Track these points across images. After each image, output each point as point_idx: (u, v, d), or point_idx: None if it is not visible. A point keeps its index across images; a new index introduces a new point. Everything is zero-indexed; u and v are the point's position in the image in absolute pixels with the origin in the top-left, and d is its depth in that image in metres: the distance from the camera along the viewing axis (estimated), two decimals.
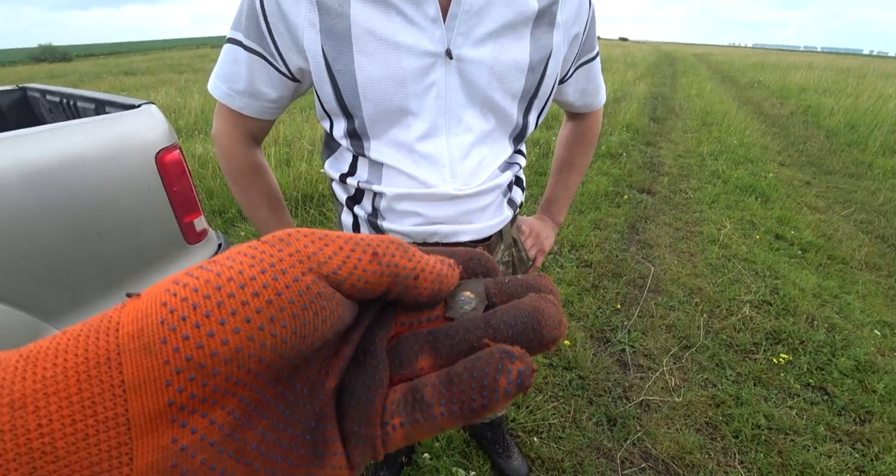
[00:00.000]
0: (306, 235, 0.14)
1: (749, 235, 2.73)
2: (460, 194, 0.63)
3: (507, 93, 0.61)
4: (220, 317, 0.11)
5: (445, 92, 0.58)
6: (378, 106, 0.58)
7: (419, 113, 0.59)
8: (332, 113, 0.62)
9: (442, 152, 0.61)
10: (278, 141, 3.73)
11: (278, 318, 0.12)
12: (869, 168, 4.12)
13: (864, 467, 1.33)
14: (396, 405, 0.15)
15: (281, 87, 0.63)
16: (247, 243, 0.14)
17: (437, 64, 0.57)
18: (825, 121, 5.84)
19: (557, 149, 0.92)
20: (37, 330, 0.91)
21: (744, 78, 11.42)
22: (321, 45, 0.56)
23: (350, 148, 0.64)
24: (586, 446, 1.37)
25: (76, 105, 1.39)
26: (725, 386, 1.61)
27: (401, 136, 0.60)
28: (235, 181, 0.72)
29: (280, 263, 0.13)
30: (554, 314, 0.15)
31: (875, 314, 2.03)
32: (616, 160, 3.97)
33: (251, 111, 0.65)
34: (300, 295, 0.12)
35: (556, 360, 1.69)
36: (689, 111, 6.44)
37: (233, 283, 0.12)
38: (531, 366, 0.14)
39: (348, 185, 0.68)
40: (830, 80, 9.71)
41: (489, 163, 0.65)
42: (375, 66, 0.55)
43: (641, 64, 13.06)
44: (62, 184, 0.92)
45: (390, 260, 0.14)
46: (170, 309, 0.11)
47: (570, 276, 2.21)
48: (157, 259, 1.14)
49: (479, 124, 0.62)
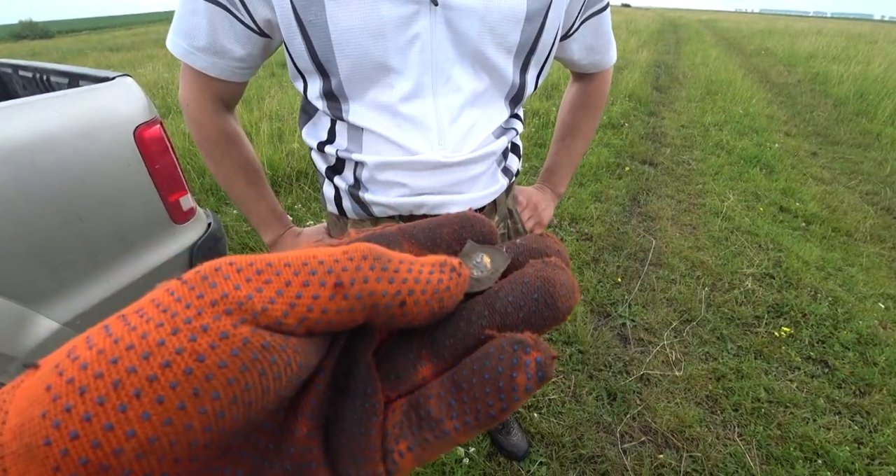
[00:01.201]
0: (240, 271, 0.11)
1: (753, 207, 2.68)
2: (449, 162, 0.57)
3: (500, 46, 0.54)
4: (119, 402, 0.09)
5: (431, 45, 0.52)
6: (355, 62, 0.52)
7: (402, 70, 0.53)
8: (305, 71, 0.56)
9: (428, 115, 0.55)
10: (270, 116, 3.62)
11: (205, 390, 0.09)
12: (877, 138, 4.03)
13: (863, 439, 1.34)
14: (399, 428, 0.12)
15: (248, 43, 0.56)
16: (165, 284, 0.11)
17: (420, 12, 0.50)
18: (833, 89, 5.68)
19: (561, 113, 0.84)
20: (20, 316, 0.88)
21: (750, 45, 11.07)
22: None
23: (327, 111, 0.59)
24: (586, 421, 1.37)
25: (49, 79, 1.31)
26: (726, 359, 1.60)
27: (382, 96, 0.54)
28: (207, 152, 0.66)
29: (199, 317, 0.10)
30: (566, 281, 0.13)
31: (878, 287, 2.01)
32: (618, 131, 3.88)
33: (216, 71, 0.58)
34: (234, 355, 0.10)
35: (555, 334, 1.68)
36: (693, 80, 6.26)
37: (133, 352, 0.09)
38: (549, 352, 0.12)
39: (327, 154, 0.63)
40: (840, 47, 9.40)
41: (482, 127, 0.59)
42: (350, 16, 0.49)
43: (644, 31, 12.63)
44: (34, 163, 0.86)
45: (361, 289, 0.11)
46: (53, 395, 0.09)
47: (571, 249, 2.18)
48: (144, 240, 1.10)
49: (471, 83, 0.56)
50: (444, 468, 1.20)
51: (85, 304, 0.99)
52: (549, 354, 0.12)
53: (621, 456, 1.27)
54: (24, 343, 0.90)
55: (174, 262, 1.17)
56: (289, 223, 0.75)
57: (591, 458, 1.27)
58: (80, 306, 0.98)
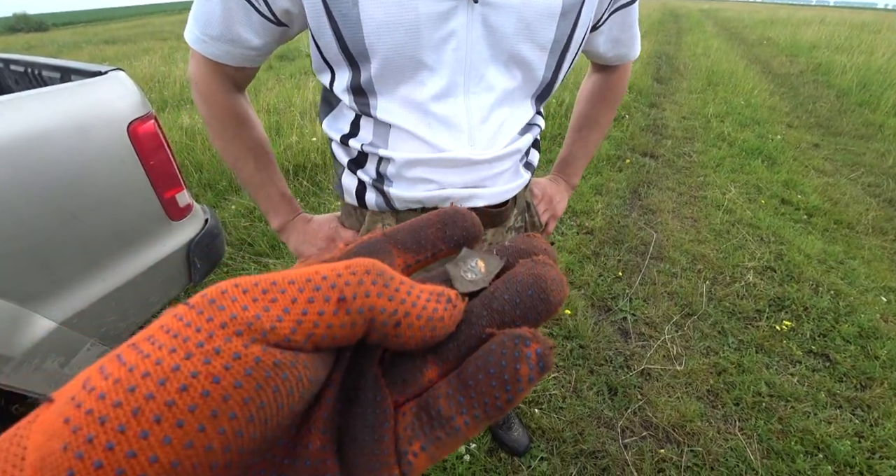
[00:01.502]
0: (246, 292, 0.11)
1: (754, 200, 2.67)
2: (479, 159, 0.56)
3: (536, 44, 0.53)
4: (140, 428, 0.09)
5: (467, 43, 0.50)
6: (388, 58, 0.50)
7: (435, 67, 0.51)
8: (333, 62, 0.54)
9: (460, 115, 0.54)
10: (268, 109, 3.59)
11: (223, 411, 0.09)
12: (880, 129, 4.00)
13: (864, 433, 1.34)
14: (411, 429, 0.13)
15: (264, 32, 0.54)
16: (172, 310, 0.11)
17: (458, 9, 0.48)
18: (836, 79, 5.63)
19: (578, 104, 0.84)
20: (16, 316, 0.87)
21: (752, 35, 10.96)
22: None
23: (353, 106, 0.57)
24: (587, 416, 1.37)
25: (41, 74, 1.29)
26: (727, 353, 1.60)
27: (413, 94, 0.53)
28: (217, 132, 0.64)
29: (210, 340, 0.10)
30: (555, 277, 0.14)
31: (880, 280, 2.00)
32: (618, 123, 3.84)
33: (230, 59, 0.56)
34: (248, 374, 0.10)
35: (556, 329, 1.67)
36: (694, 71, 6.20)
37: (149, 379, 0.09)
38: (547, 343, 0.13)
39: (350, 148, 0.61)
40: (843, 37, 9.30)
41: (510, 126, 0.58)
42: (385, 10, 0.47)
43: (645, 21, 12.49)
44: (26, 160, 0.85)
45: (363, 303, 0.12)
46: (72, 427, 0.09)
47: (571, 243, 2.17)
48: (140, 237, 1.09)
49: (503, 82, 0.54)
50: (444, 464, 1.20)
51: (83, 303, 0.98)
52: (548, 345, 0.13)
53: (622, 451, 1.27)
54: (21, 343, 0.90)
55: (171, 259, 1.16)
56: (298, 208, 0.73)
57: (592, 453, 1.27)
58: (78, 305, 0.98)
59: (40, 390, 0.96)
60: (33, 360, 0.93)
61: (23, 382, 0.93)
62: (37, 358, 0.93)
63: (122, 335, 1.13)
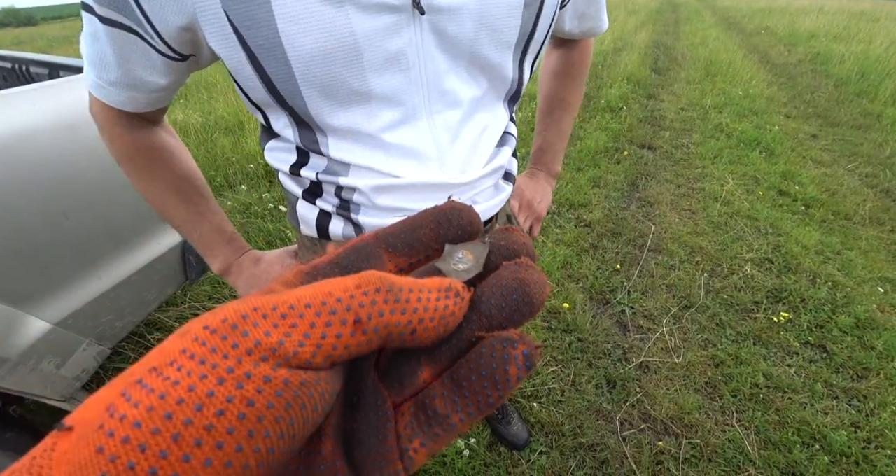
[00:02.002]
0: (266, 317, 0.11)
1: (752, 191, 2.67)
2: (456, 183, 0.50)
3: (499, 42, 0.46)
4: (182, 453, 0.09)
5: (419, 60, 0.43)
6: (326, 92, 0.42)
7: (386, 95, 0.44)
8: (262, 104, 0.46)
9: (425, 141, 0.47)
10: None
11: (258, 431, 0.10)
12: (878, 119, 3.99)
13: (860, 423, 1.35)
14: (411, 428, 0.14)
15: (167, 70, 0.45)
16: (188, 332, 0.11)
17: (401, 23, 0.40)
18: (834, 69, 5.60)
19: (543, 85, 0.77)
20: (10, 318, 0.87)
21: (750, 24, 10.88)
22: (224, 11, 0.38)
23: (300, 143, 0.49)
24: (586, 409, 1.37)
25: (29, 70, 1.27)
26: (725, 345, 1.60)
27: (365, 127, 0.45)
28: (133, 175, 0.55)
29: (240, 366, 0.10)
30: (537, 279, 0.15)
31: (877, 270, 2.01)
32: (616, 114, 3.82)
33: (135, 106, 0.48)
34: (279, 395, 0.10)
35: (554, 323, 1.68)
36: (692, 61, 6.16)
37: (185, 405, 0.10)
38: (533, 343, 0.14)
39: (302, 178, 0.52)
40: (841, 25, 9.25)
41: (486, 141, 0.52)
42: (312, 35, 0.38)
43: (643, 11, 12.39)
44: (15, 158, 0.83)
45: (378, 323, 0.12)
46: (109, 456, 0.09)
47: (569, 236, 2.17)
48: (135, 235, 1.08)
49: (468, 91, 0.48)
50: (444, 459, 1.21)
51: (78, 303, 0.97)
52: (533, 346, 0.13)
53: (621, 443, 1.28)
54: (16, 344, 0.89)
55: (167, 258, 1.15)
56: (243, 246, 0.63)
57: (590, 446, 1.28)
58: (73, 305, 0.97)
59: (37, 392, 0.96)
60: (29, 362, 0.92)
61: (19, 384, 0.92)
62: (33, 359, 0.92)
63: (119, 334, 1.12)
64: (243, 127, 3.15)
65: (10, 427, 1.00)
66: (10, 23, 27.11)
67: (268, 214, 2.29)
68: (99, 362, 1.08)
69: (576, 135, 3.36)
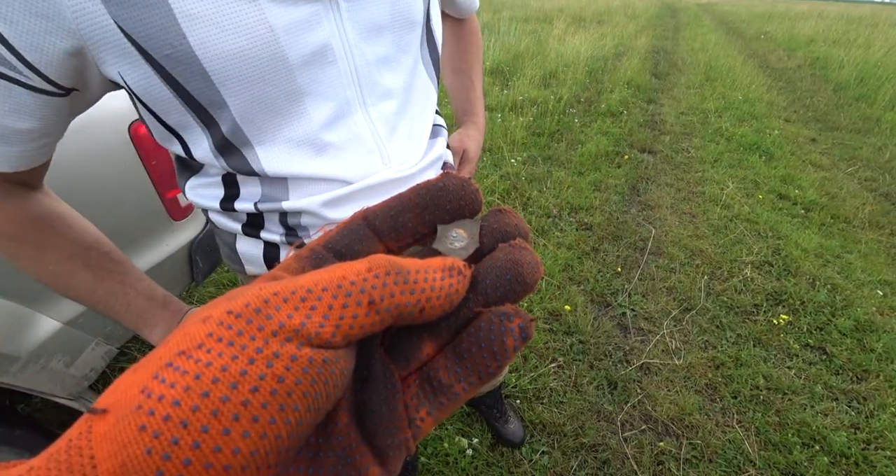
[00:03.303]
0: (286, 300, 0.12)
1: (752, 195, 2.68)
2: (402, 177, 0.48)
3: (413, 23, 0.45)
4: (222, 427, 0.10)
5: (345, 49, 0.41)
6: (251, 95, 0.38)
7: (316, 90, 0.41)
8: (179, 128, 0.41)
9: (364, 135, 0.45)
10: None
11: (289, 405, 0.11)
12: (877, 123, 4.01)
13: (860, 425, 1.36)
14: (417, 399, 0.15)
15: (39, 110, 0.36)
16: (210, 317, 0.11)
17: (319, 13, 0.38)
18: (833, 74, 5.64)
19: (445, 49, 0.78)
20: (20, 316, 0.88)
21: (750, 29, 10.94)
22: (115, 23, 0.33)
23: (226, 168, 0.44)
24: (587, 410, 1.38)
25: None
26: (725, 347, 1.61)
27: (297, 129, 0.42)
28: (11, 253, 0.45)
29: (268, 346, 0.11)
30: (530, 260, 0.16)
31: (876, 273, 2.02)
32: (616, 119, 3.85)
33: (9, 164, 0.39)
34: (305, 372, 0.11)
35: (556, 325, 1.69)
36: (692, 66, 6.20)
37: (221, 384, 0.10)
38: (527, 317, 0.14)
39: (238, 212, 0.48)
40: (840, 31, 9.30)
41: (419, 131, 0.51)
42: (223, 34, 0.35)
43: (643, 16, 12.46)
44: None
45: (390, 303, 0.13)
46: (152, 433, 0.10)
47: (570, 239, 2.18)
48: (142, 237, 1.09)
49: (396, 78, 0.46)
50: (447, 459, 1.22)
51: None
52: (528, 319, 0.14)
53: (622, 444, 1.29)
54: (27, 342, 0.90)
55: (174, 259, 1.17)
56: (181, 307, 0.54)
57: (592, 446, 1.29)
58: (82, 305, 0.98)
59: (46, 390, 0.97)
60: (39, 360, 0.93)
61: (28, 382, 0.94)
62: (43, 357, 0.94)
63: (126, 334, 1.13)
64: None
65: (19, 425, 1.01)
66: None
67: None
68: (107, 361, 1.09)
69: (577, 139, 3.39)
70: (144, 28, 0.33)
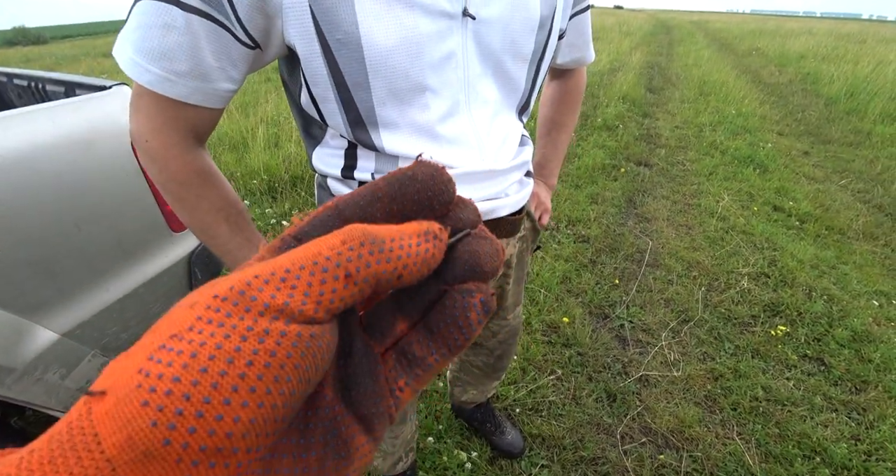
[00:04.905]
0: (267, 282, 0.12)
1: (747, 207, 2.71)
2: (498, 169, 0.57)
3: (518, 56, 0.54)
4: (222, 397, 0.11)
5: (464, 60, 0.50)
6: (391, 83, 0.48)
7: (438, 89, 0.50)
8: (320, 99, 0.50)
9: (468, 132, 0.54)
10: (267, 121, 3.62)
11: (282, 376, 0.11)
12: (868, 136, 4.08)
13: (860, 436, 1.35)
14: (395, 371, 0.16)
15: (241, 61, 0.47)
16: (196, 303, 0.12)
17: (453, 27, 0.48)
18: (824, 88, 5.74)
19: (542, 110, 0.87)
20: (19, 327, 0.88)
21: (742, 45, 11.17)
22: (309, 5, 0.43)
23: (351, 137, 0.54)
24: (586, 423, 1.38)
25: (45, 88, 1.31)
26: (724, 359, 1.61)
27: (419, 118, 0.51)
28: (177, 196, 0.54)
29: (257, 324, 0.12)
30: (488, 250, 0.16)
31: (872, 284, 2.03)
32: (612, 132, 3.90)
33: (199, 98, 0.47)
34: (294, 346, 0.12)
35: (554, 337, 1.69)
36: (686, 81, 6.31)
37: (217, 360, 0.11)
38: (487, 291, 0.16)
39: (354, 181, 0.57)
40: (830, 47, 9.51)
41: (512, 137, 0.59)
42: (389, 32, 0.45)
43: (637, 33, 12.72)
44: (32, 173, 0.86)
45: (366, 274, 0.13)
46: (157, 407, 0.10)
47: (568, 251, 2.19)
48: (143, 248, 1.10)
49: (494, 95, 0.55)
50: (446, 473, 1.20)
51: (86, 313, 0.99)
52: (488, 292, 0.16)
53: (622, 457, 1.28)
54: (23, 354, 0.90)
55: (173, 271, 1.17)
56: None
57: (592, 459, 1.27)
58: (81, 315, 0.98)
59: (40, 402, 0.96)
60: (35, 372, 0.93)
61: (24, 394, 0.93)
62: (38, 369, 0.93)
63: (123, 346, 1.13)
64: (247, 144, 3.20)
65: (12, 439, 1.00)
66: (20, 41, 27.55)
67: (270, 230, 2.31)
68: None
69: (574, 152, 3.43)
70: (329, 15, 0.44)
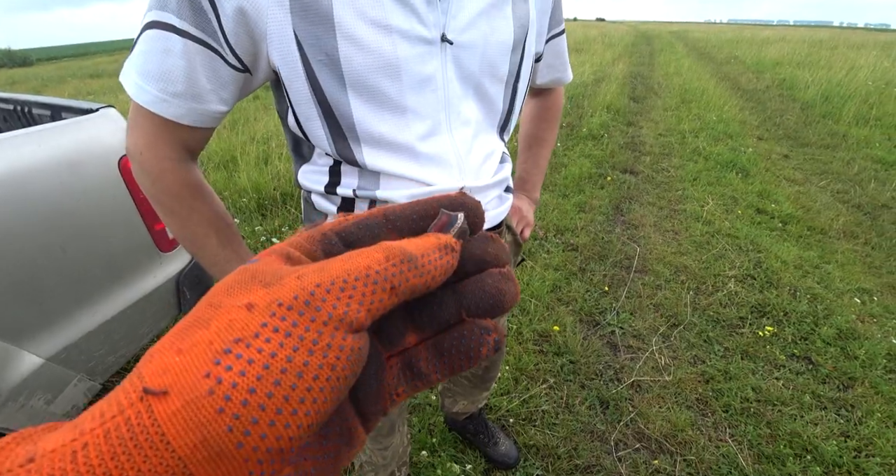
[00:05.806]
0: (329, 291, 0.14)
1: (731, 211, 2.76)
2: (473, 187, 0.59)
3: (494, 78, 0.57)
4: (291, 409, 0.12)
5: (443, 83, 0.53)
6: (370, 104, 0.51)
7: (418, 109, 0.53)
8: (303, 118, 0.53)
9: (448, 151, 0.56)
10: (255, 139, 3.64)
11: (339, 388, 0.13)
12: (843, 138, 4.19)
13: (849, 432, 1.37)
14: (397, 379, 0.17)
15: (231, 83, 0.51)
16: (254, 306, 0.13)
17: (432, 52, 0.51)
18: (800, 93, 5.91)
19: (523, 126, 0.90)
20: (3, 353, 0.87)
21: (720, 54, 11.49)
22: (293, 30, 0.46)
23: (335, 154, 0.56)
24: (580, 431, 1.38)
25: (31, 112, 1.32)
26: (714, 361, 1.63)
27: (400, 137, 0.54)
28: (168, 209, 0.55)
29: (322, 338, 0.13)
30: (512, 290, 0.18)
31: (854, 282, 2.07)
32: (598, 142, 3.97)
33: (192, 119, 0.51)
34: (349, 359, 0.13)
35: (546, 346, 1.69)
36: (668, 89, 6.46)
37: (288, 374, 0.12)
38: (503, 332, 0.18)
39: (337, 196, 0.60)
40: (804, 53, 9.81)
41: (493, 155, 0.62)
42: (366, 56, 0.48)
43: (619, 44, 13.03)
44: (18, 196, 0.87)
45: (406, 287, 0.15)
46: (233, 415, 0.11)
47: (557, 260, 2.21)
48: (130, 268, 1.10)
49: (475, 114, 0.58)
50: None
51: (72, 337, 0.98)
52: (503, 334, 0.18)
53: (616, 464, 1.28)
54: (7, 379, 0.89)
55: (161, 291, 1.17)
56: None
57: (586, 467, 1.27)
58: (67, 339, 0.97)
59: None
60: (19, 398, 0.92)
61: (7, 421, 0.91)
62: (23, 395, 0.92)
63: (110, 369, 1.12)
64: (236, 162, 3.21)
65: None
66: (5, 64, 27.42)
67: (260, 247, 2.31)
68: (89, 398, 1.07)
69: (560, 162, 3.48)
70: (311, 37, 0.47)
